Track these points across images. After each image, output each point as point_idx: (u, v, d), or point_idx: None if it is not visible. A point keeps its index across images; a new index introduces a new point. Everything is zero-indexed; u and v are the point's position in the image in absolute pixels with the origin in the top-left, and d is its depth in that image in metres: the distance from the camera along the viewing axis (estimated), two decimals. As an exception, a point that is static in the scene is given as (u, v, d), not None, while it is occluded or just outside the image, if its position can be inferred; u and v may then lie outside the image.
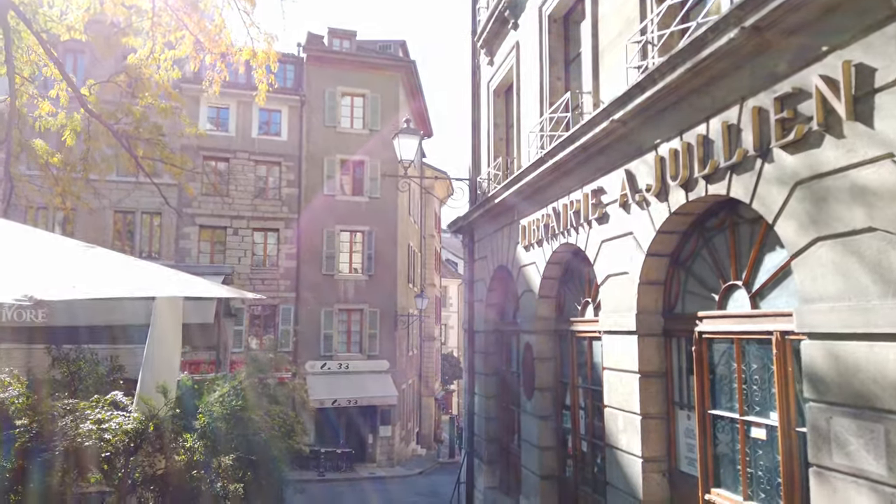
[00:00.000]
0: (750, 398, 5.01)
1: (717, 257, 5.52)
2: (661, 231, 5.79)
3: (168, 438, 4.56)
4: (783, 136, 4.19)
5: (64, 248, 4.50)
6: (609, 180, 6.68)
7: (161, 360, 4.75)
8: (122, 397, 4.67)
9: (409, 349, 30.94)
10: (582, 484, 7.97)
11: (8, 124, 11.04)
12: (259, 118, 27.49)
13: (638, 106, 5.69)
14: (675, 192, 5.48)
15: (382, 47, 30.78)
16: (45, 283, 3.37)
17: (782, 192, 4.22)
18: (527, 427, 9.09)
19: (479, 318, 11.73)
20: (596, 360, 7.58)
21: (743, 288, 5.10)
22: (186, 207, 26.11)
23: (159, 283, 4.36)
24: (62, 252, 4.35)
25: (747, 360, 5.05)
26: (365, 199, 27.99)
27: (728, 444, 5.29)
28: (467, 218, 11.84)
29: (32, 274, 3.56)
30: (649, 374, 6.04)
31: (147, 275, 4.58)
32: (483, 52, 11.86)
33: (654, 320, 6.10)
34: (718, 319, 5.32)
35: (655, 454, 5.95)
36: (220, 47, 12.25)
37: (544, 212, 8.42)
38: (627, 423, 6.19)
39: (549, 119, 8.28)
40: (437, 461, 29.82)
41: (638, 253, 6.09)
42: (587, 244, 7.23)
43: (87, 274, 3.91)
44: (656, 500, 5.87)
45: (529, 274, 9.10)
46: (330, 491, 20.66)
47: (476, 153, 12.27)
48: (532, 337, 8.96)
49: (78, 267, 4.00)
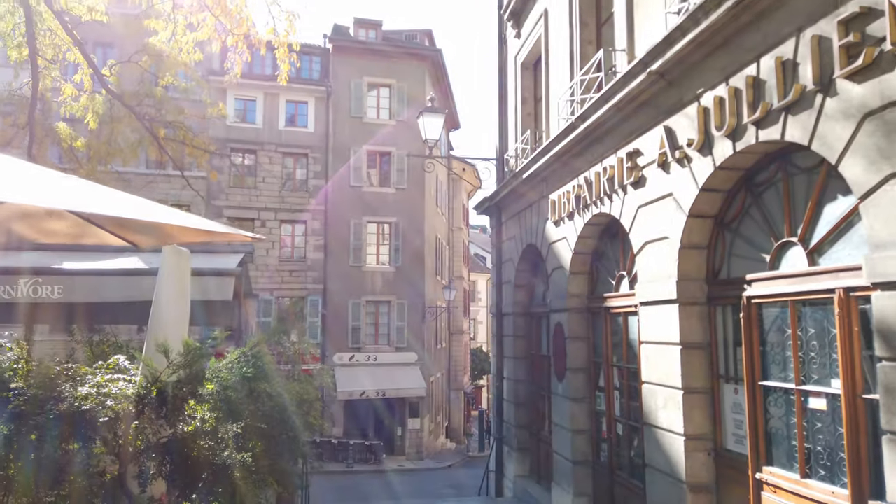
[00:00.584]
0: (807, 366, 4.53)
1: (768, 214, 5.03)
2: (705, 189, 5.32)
3: (172, 405, 4.25)
4: (848, 64, 3.71)
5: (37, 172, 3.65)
6: (645, 140, 6.22)
7: (167, 320, 4.45)
8: (124, 361, 4.38)
9: (437, 342, 30.61)
10: (618, 469, 7.52)
11: (31, 106, 10.96)
12: (286, 110, 27.40)
13: (678, 53, 5.23)
14: (720, 143, 5.01)
15: (408, 37, 30.47)
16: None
17: (848, 127, 3.74)
18: (558, 410, 8.66)
19: (508, 300, 11.32)
20: (632, 337, 7.12)
21: (799, 245, 4.61)
22: (214, 200, 26.18)
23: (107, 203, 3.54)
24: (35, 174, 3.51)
25: (804, 323, 4.57)
26: (392, 190, 27.71)
27: (782, 418, 4.81)
28: (494, 198, 11.43)
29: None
30: (692, 346, 5.57)
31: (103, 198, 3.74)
32: (510, 24, 11.43)
33: (696, 287, 5.63)
34: (771, 281, 4.84)
35: (699, 432, 5.48)
36: (241, 28, 12.04)
37: (575, 182, 7.98)
38: (668, 399, 5.73)
39: (579, 83, 7.82)
40: (466, 455, 29.45)
41: (679, 214, 5.62)
42: (622, 211, 6.77)
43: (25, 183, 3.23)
44: (701, 482, 5.41)
45: (560, 250, 8.66)
46: (358, 482, 20.44)
47: (503, 130, 11.84)
48: (563, 315, 8.52)
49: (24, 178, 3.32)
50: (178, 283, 4.74)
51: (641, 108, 6.15)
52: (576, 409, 8.20)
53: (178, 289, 4.74)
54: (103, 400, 4.06)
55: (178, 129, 12.36)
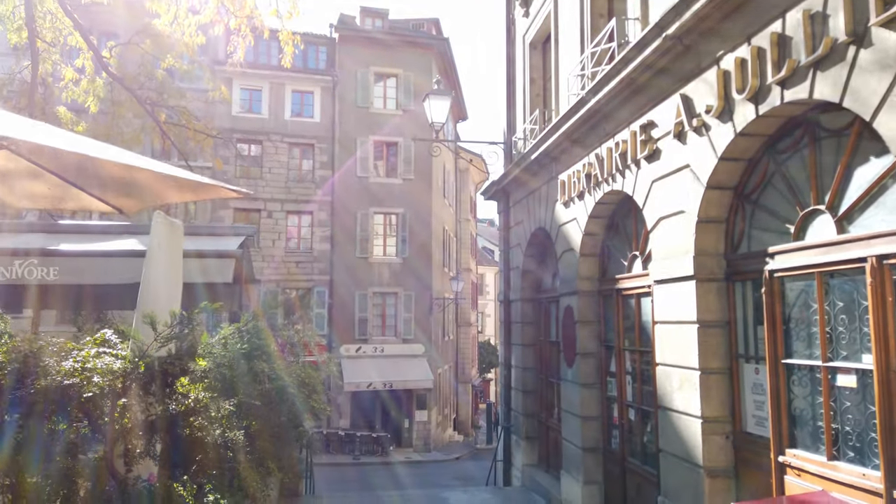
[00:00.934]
0: (835, 341, 4.26)
1: (792, 183, 4.75)
2: (724, 158, 5.04)
3: (161, 381, 4.02)
4: (884, 10, 3.43)
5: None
6: (660, 111, 5.94)
7: (158, 293, 4.22)
8: (112, 335, 4.16)
9: (444, 334, 30.39)
10: (630, 456, 7.27)
11: (31, 88, 10.78)
12: (291, 100, 27.17)
13: (696, 14, 4.94)
14: (741, 108, 4.73)
15: (415, 26, 30.16)
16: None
17: (884, 80, 3.47)
18: (568, 396, 8.41)
19: (515, 286, 11.06)
20: (645, 319, 6.86)
21: (826, 213, 4.33)
22: (220, 190, 25.99)
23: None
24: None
25: (831, 296, 4.29)
26: (398, 180, 27.47)
27: (807, 398, 4.54)
28: (501, 182, 11.16)
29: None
30: (709, 324, 5.30)
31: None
32: (518, 2, 11.14)
33: (714, 263, 5.36)
34: (795, 253, 4.56)
35: (717, 414, 5.22)
36: (244, 10, 11.81)
37: (586, 160, 7.71)
38: (684, 380, 5.47)
39: (590, 56, 7.54)
40: (474, 448, 29.26)
41: (696, 186, 5.35)
42: (635, 187, 6.50)
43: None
44: (720, 466, 5.15)
45: (569, 232, 8.40)
46: (365, 474, 20.28)
47: (511, 113, 11.57)
48: (573, 299, 8.26)
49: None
50: (169, 256, 4.51)
51: (656, 76, 5.87)
52: (586, 394, 7.95)
53: (170, 261, 4.51)
54: (89, 375, 3.85)
55: (181, 113, 12.16)
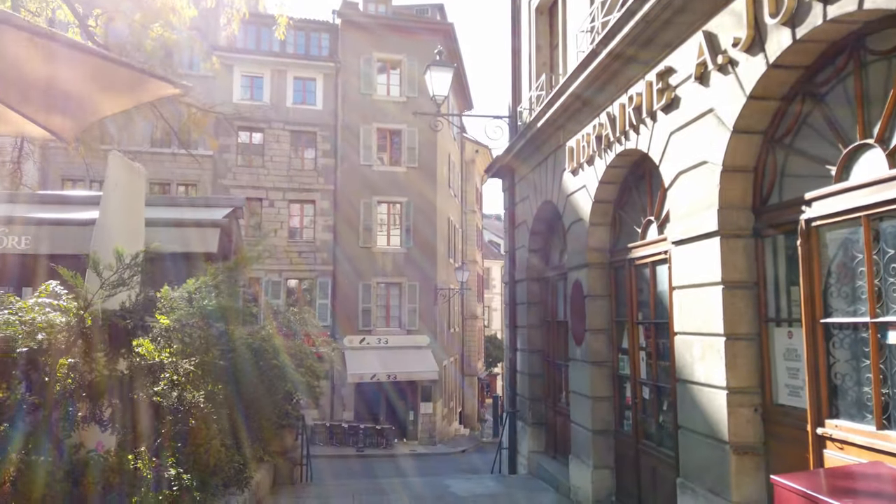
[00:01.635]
0: (885, 294, 3.71)
1: (833, 118, 4.20)
2: (754, 97, 4.49)
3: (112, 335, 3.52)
4: None
5: None
6: (679, 55, 5.39)
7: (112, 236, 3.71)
8: (57, 286, 3.66)
9: (450, 326, 29.89)
10: (644, 437, 6.73)
11: (12, 59, 10.32)
12: (293, 87, 26.69)
13: (722, -65, 4.40)
14: (775, 35, 4.18)
15: (419, 11, 29.65)
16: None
17: (956, -30, 2.92)
18: (577, 377, 7.87)
19: (521, 265, 10.53)
20: (660, 289, 6.32)
21: (876, 146, 3.78)
22: (221, 178, 25.60)
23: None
24: None
25: (881, 243, 3.74)
26: (403, 169, 26.95)
27: (850, 361, 4.00)
28: (506, 156, 10.62)
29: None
30: (735, 285, 4.76)
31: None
32: (523, -34, 10.60)
33: (741, 216, 4.81)
34: (838, 196, 4.01)
35: (744, 384, 4.67)
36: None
37: (596, 122, 7.17)
38: (707, 348, 4.93)
39: (601, 5, 6.99)
40: (480, 441, 28.77)
41: (720, 132, 4.80)
42: (651, 143, 5.95)
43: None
44: (748, 441, 4.61)
45: (578, 201, 7.86)
46: (368, 466, 19.79)
47: (516, 83, 11.02)
48: (582, 272, 7.72)
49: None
50: (127, 201, 4.01)
51: (675, 16, 5.31)
52: (596, 374, 7.41)
53: (128, 206, 4.01)
54: (27, 329, 3.34)
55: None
